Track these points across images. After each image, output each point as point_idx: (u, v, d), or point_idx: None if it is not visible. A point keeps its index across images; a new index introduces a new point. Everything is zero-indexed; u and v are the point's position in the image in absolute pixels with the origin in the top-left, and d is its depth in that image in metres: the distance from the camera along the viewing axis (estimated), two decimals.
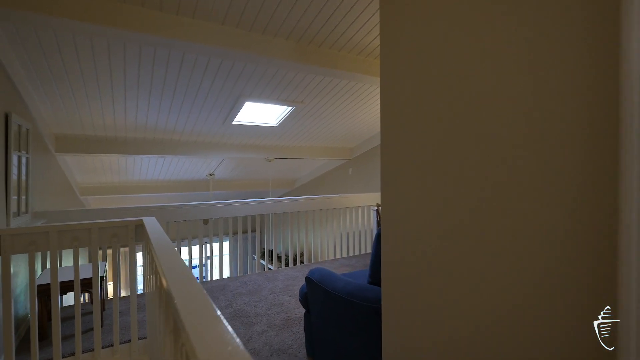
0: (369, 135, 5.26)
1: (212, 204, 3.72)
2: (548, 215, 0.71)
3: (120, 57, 2.45)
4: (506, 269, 0.79)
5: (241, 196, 7.93)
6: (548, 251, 0.71)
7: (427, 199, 1.01)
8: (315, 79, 3.20)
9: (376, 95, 3.75)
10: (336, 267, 4.05)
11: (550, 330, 0.70)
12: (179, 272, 0.95)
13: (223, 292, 3.28)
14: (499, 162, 0.81)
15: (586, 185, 0.65)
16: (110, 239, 2.30)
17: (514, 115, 0.77)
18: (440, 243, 0.96)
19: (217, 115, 3.73)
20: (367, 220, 4.89)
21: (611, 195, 0.61)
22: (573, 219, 0.67)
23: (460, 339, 0.90)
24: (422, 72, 1.02)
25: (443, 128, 0.96)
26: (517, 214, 0.77)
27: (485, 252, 0.84)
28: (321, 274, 1.87)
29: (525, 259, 0.75)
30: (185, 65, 2.68)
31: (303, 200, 4.31)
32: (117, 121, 3.52)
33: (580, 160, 0.65)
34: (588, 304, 0.64)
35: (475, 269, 0.86)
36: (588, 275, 0.64)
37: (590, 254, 0.64)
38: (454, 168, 0.93)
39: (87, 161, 4.57)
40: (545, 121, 0.71)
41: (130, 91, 2.96)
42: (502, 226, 0.80)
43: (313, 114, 4.11)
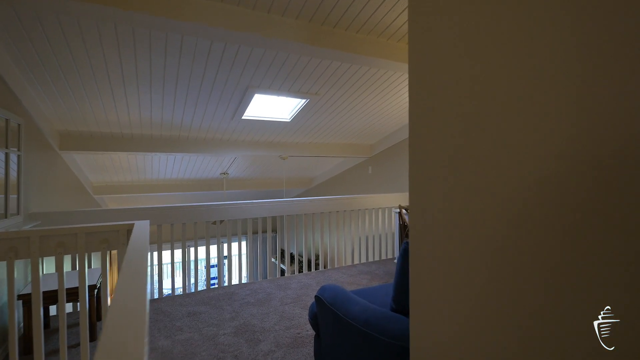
0: (392, 130, 4.87)
1: (224, 204, 3.48)
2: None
3: (113, 42, 2.21)
4: None
5: (255, 195, 7.71)
6: None
7: (474, 206, 0.67)
8: (330, 66, 2.86)
9: (400, 84, 3.37)
10: (354, 275, 3.71)
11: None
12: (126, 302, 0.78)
13: (230, 300, 3.01)
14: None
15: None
16: (100, 244, 2.06)
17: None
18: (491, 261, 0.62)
19: (225, 109, 3.46)
20: (389, 224, 4.51)
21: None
22: None
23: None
24: (468, 56, 0.68)
25: (495, 123, 0.62)
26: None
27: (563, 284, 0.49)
28: (334, 294, 1.54)
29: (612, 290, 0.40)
30: (185, 53, 2.42)
31: (319, 201, 4.00)
32: (120, 117, 3.32)
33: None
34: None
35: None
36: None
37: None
38: (512, 168, 0.58)
39: (97, 159, 4.44)
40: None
41: (129, 86, 2.73)
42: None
43: (329, 107, 3.78)
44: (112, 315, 0.69)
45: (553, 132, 0.55)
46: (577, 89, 0.52)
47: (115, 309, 0.72)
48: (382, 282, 3.49)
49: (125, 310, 0.73)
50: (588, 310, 0.50)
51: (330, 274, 3.74)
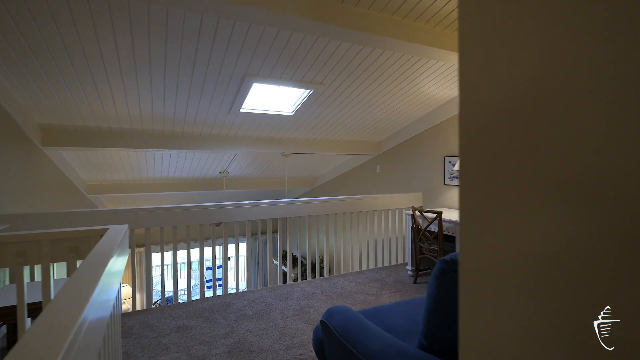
0: (402, 125, 4.53)
1: (222, 205, 3.18)
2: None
3: (88, 20, 1.90)
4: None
5: (256, 195, 7.42)
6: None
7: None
8: (337, 51, 2.54)
9: (415, 72, 3.03)
10: (362, 283, 3.39)
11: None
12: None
13: (225, 313, 2.71)
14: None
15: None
16: (68, 253, 1.77)
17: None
18: None
19: (221, 101, 3.16)
20: (399, 226, 4.19)
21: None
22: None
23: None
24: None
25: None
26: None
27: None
28: (344, 321, 1.22)
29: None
30: (172, 33, 2.11)
31: (324, 202, 3.68)
32: (106, 109, 3.03)
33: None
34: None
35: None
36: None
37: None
38: None
39: (88, 157, 4.16)
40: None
41: (112, 73, 2.43)
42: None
43: (335, 100, 3.46)
44: (25, 340, 0.57)
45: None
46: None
47: (33, 331, 0.61)
48: (394, 291, 3.16)
49: (43, 334, 0.60)
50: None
51: (336, 282, 3.43)
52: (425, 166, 4.28)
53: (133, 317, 2.63)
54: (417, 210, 3.31)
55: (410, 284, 3.36)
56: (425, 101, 3.76)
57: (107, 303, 1.01)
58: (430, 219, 3.15)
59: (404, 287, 3.27)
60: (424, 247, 3.27)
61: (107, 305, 1.01)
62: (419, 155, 4.38)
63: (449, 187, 3.94)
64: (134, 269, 2.91)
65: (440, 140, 4.04)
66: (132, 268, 2.91)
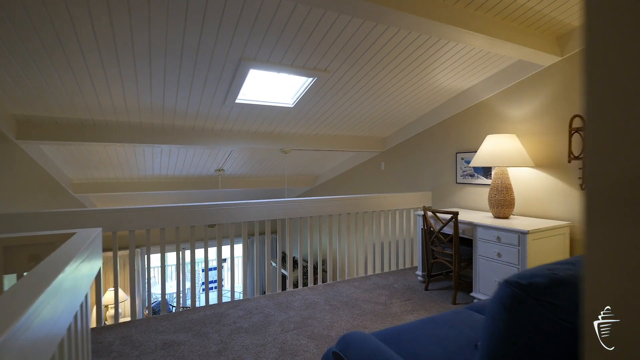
0: (408, 120, 4.25)
1: (217, 205, 2.90)
2: None
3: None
4: None
5: (254, 195, 7.12)
6: None
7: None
8: (345, 30, 2.25)
9: (429, 58, 2.73)
10: (369, 290, 3.10)
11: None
12: None
13: (218, 325, 2.42)
14: None
15: None
16: (27, 262, 1.48)
17: None
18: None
19: (214, 90, 2.87)
20: (407, 227, 3.91)
21: None
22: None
23: None
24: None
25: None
26: None
27: None
28: (366, 356, 0.94)
29: None
30: (156, 8, 1.82)
31: (326, 202, 3.40)
32: (87, 99, 2.73)
33: None
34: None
35: None
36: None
37: None
38: None
39: (72, 152, 3.86)
40: None
41: (90, 58, 2.14)
42: None
43: (340, 89, 3.17)
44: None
45: None
46: None
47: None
48: (404, 299, 2.88)
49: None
50: None
51: (341, 289, 3.14)
52: (435, 163, 4.00)
53: (114, 331, 2.34)
54: (429, 210, 3.03)
55: (421, 291, 3.08)
56: (438, 92, 3.47)
57: (55, 320, 0.77)
58: (444, 220, 2.87)
59: (415, 295, 2.99)
60: (437, 250, 3.00)
61: (55, 322, 0.77)
62: (428, 152, 4.10)
63: (461, 185, 3.66)
64: (116, 275, 2.62)
65: (453, 135, 3.76)
66: (114, 274, 2.63)
